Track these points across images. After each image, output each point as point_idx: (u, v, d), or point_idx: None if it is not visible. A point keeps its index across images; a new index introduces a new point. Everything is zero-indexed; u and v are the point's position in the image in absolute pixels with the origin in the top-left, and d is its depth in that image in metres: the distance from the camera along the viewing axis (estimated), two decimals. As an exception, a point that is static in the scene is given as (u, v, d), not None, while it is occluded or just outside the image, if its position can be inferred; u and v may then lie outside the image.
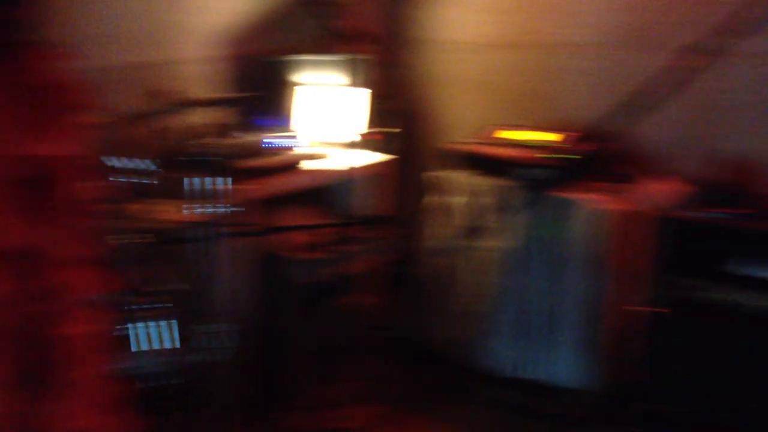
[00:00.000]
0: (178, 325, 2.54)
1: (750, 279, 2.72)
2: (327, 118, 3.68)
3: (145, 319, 2.49)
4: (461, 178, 3.41)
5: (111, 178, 2.39)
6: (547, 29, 3.57)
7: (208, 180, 2.46)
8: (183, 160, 2.48)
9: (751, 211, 2.81)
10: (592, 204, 3.03)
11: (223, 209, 2.47)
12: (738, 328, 2.73)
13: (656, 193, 3.14)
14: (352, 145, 3.50)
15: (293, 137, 3.44)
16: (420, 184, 3.64)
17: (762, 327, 2.69)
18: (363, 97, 3.63)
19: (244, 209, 2.65)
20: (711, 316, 2.80)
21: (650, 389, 2.91)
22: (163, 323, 2.53)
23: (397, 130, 3.65)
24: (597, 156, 3.18)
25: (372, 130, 3.60)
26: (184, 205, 2.51)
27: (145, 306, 2.50)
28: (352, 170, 3.44)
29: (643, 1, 3.32)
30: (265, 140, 3.30)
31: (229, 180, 2.50)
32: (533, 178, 3.15)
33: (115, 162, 2.41)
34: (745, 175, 3.11)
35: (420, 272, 3.63)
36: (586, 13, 3.45)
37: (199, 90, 3.29)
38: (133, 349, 2.48)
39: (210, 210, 2.46)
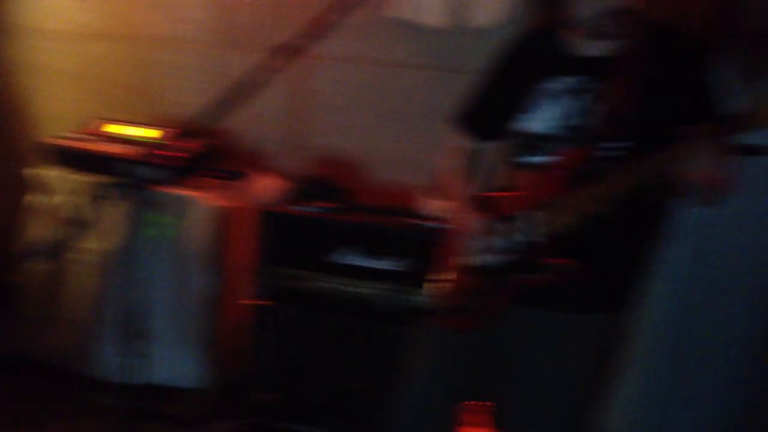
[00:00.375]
0: None
1: (345, 267, 2.92)
2: None
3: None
4: (63, 175, 3.21)
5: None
6: (147, 22, 3.49)
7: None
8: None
9: (342, 204, 3.03)
10: (199, 201, 3.03)
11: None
12: (338, 315, 2.93)
13: (260, 188, 3.24)
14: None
15: None
16: (18, 181, 3.36)
17: (358, 312, 2.92)
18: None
19: None
20: (312, 304, 2.96)
21: (261, 380, 2.99)
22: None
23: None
24: (203, 152, 3.19)
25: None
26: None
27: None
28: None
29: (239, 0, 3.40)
30: None
31: None
32: (138, 175, 3.06)
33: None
34: (335, 170, 3.35)
35: (19, 278, 3.35)
36: (185, 8, 3.44)
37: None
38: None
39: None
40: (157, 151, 3.07)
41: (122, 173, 3.05)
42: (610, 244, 2.07)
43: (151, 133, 3.26)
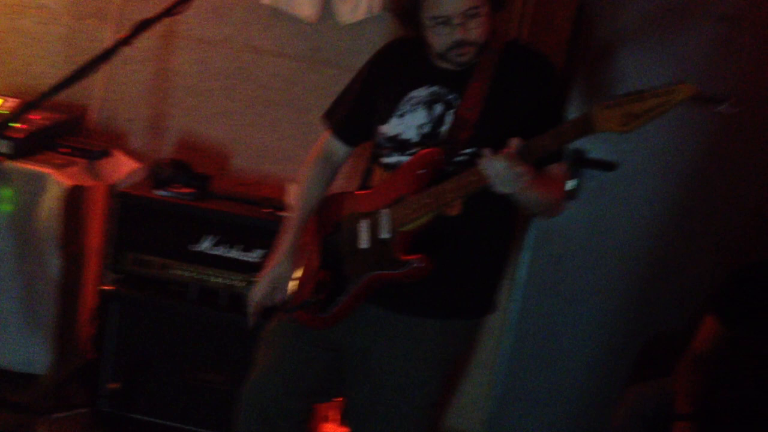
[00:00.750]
0: None
1: (201, 256, 2.86)
2: None
3: None
4: None
5: None
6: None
7: None
8: None
9: (201, 191, 2.96)
10: (48, 177, 2.86)
11: None
12: (192, 304, 2.86)
13: (116, 168, 3.12)
14: None
15: None
16: None
17: (212, 302, 2.87)
18: None
19: None
20: (166, 292, 2.89)
21: (109, 368, 2.88)
22: None
23: None
24: (55, 127, 3.04)
25: None
26: None
27: None
28: None
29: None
30: None
31: None
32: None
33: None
34: (197, 156, 3.27)
35: None
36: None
37: None
38: None
39: None
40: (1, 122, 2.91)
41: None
42: (461, 250, 2.12)
43: (-1, 102, 3.07)
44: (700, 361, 2.55)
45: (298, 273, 2.32)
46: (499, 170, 1.85)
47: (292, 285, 2.32)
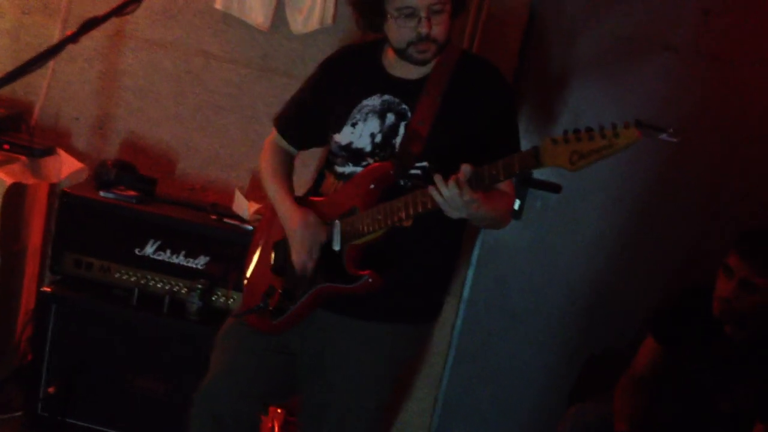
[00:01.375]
0: None
1: (143, 260, 2.83)
2: None
3: None
4: None
5: None
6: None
7: None
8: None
9: (146, 194, 2.92)
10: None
11: None
12: (132, 309, 2.81)
13: (59, 167, 3.06)
14: None
15: None
16: None
17: (153, 307, 2.82)
18: None
19: None
20: (105, 296, 2.84)
21: (47, 372, 2.81)
22: None
23: None
24: (-4, 122, 2.98)
25: None
26: None
27: None
28: None
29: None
30: None
31: None
32: None
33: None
34: (142, 158, 3.22)
35: None
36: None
37: None
38: None
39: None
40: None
41: None
42: (410, 257, 2.13)
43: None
44: (639, 380, 2.61)
45: (252, 276, 2.31)
46: (448, 197, 1.85)
47: (245, 289, 2.32)
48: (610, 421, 2.53)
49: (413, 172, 2.08)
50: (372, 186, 2.06)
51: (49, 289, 2.83)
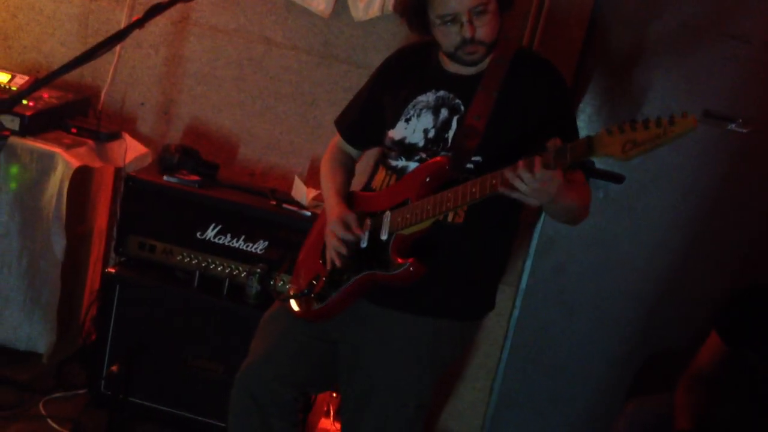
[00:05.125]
0: None
1: (204, 243, 2.86)
2: None
3: None
4: None
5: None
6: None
7: None
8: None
9: (208, 179, 2.96)
10: (56, 157, 2.85)
11: None
12: (193, 291, 2.85)
13: (124, 152, 3.12)
14: None
15: None
16: None
17: (213, 290, 2.85)
18: None
19: None
20: (167, 278, 2.88)
21: (109, 351, 2.87)
22: None
23: None
24: (64, 106, 3.03)
25: None
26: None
27: None
28: None
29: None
30: None
31: None
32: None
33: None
34: (205, 143, 3.27)
35: None
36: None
37: None
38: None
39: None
40: (5, 97, 2.88)
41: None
42: (459, 253, 2.13)
43: (5, 77, 3.05)
44: (701, 379, 2.55)
45: (303, 264, 2.34)
46: (529, 179, 1.81)
47: (295, 276, 2.35)
48: (669, 418, 2.48)
49: (468, 166, 2.07)
50: (427, 179, 2.06)
51: (113, 270, 2.88)
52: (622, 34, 3.01)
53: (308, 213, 2.87)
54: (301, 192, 2.96)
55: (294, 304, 2.26)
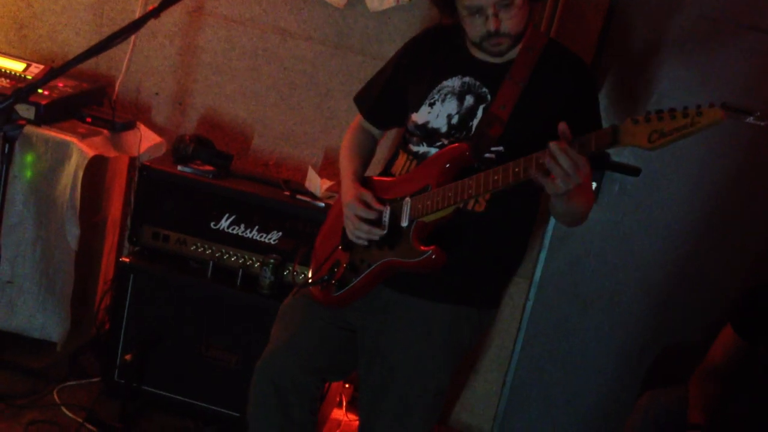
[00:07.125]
0: None
1: (218, 233, 2.86)
2: None
3: None
4: None
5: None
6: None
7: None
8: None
9: (222, 170, 2.96)
10: (71, 146, 2.85)
11: None
12: (207, 281, 2.86)
13: (135, 141, 3.12)
14: None
15: None
16: None
17: (227, 280, 2.86)
18: None
19: None
20: (181, 268, 2.89)
21: (123, 339, 2.88)
22: None
23: None
24: (79, 95, 3.04)
25: None
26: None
27: None
28: None
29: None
30: None
31: None
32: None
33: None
34: (219, 133, 3.27)
35: None
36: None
37: None
38: None
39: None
40: (16, 86, 2.88)
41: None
42: (479, 241, 2.12)
43: (9, 65, 3.05)
44: (716, 372, 2.54)
45: (319, 252, 2.33)
46: (564, 160, 1.77)
47: (312, 265, 2.35)
48: (683, 411, 2.47)
49: (487, 155, 2.06)
50: (448, 165, 2.04)
51: (127, 260, 2.89)
52: (640, 25, 2.98)
53: (322, 204, 2.87)
54: (315, 183, 2.96)
55: (315, 290, 2.25)
